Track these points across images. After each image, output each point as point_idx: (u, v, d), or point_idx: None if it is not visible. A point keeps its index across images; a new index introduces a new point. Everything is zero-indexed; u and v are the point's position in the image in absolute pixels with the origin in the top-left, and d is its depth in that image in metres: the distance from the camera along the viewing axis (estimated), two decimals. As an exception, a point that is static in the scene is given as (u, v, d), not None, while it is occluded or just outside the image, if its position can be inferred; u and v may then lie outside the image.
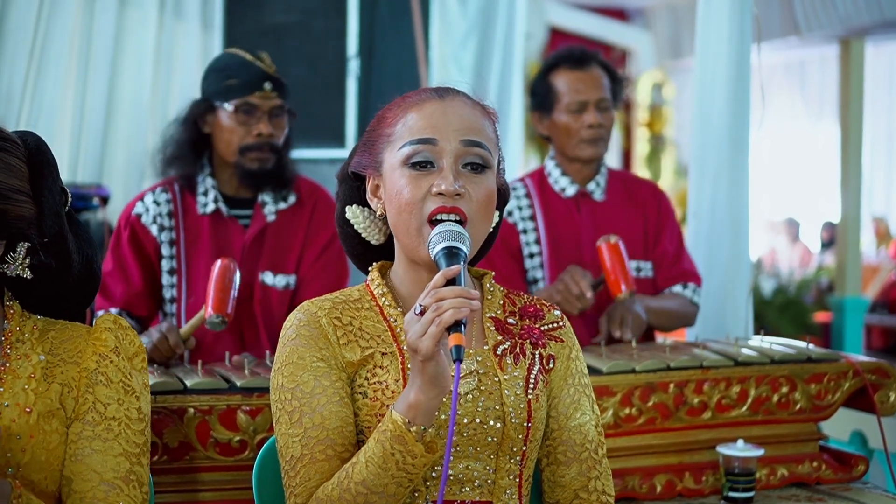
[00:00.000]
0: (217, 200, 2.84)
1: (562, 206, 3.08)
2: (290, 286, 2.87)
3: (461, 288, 1.54)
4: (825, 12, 6.63)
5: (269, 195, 2.87)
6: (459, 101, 1.72)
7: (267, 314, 2.83)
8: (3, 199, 1.61)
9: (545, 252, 3.03)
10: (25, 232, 1.65)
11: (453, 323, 1.51)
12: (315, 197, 2.94)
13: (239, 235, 2.85)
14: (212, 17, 4.60)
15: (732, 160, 3.38)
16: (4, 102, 4.07)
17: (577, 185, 3.08)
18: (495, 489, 1.70)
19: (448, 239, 1.62)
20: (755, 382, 2.47)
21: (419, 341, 1.52)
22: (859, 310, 7.16)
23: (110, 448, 1.65)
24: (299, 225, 2.89)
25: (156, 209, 2.82)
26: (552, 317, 1.83)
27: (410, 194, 1.67)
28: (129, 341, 1.74)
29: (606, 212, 3.08)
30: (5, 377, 1.65)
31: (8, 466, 1.60)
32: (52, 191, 1.69)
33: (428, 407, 1.57)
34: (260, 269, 2.85)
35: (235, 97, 2.78)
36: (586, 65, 3.06)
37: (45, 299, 1.74)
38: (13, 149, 1.66)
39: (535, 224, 3.05)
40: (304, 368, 1.68)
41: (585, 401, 1.80)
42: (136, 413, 1.70)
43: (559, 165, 3.11)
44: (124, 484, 1.64)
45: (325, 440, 1.65)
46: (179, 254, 2.82)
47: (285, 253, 2.87)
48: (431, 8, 5.16)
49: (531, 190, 3.10)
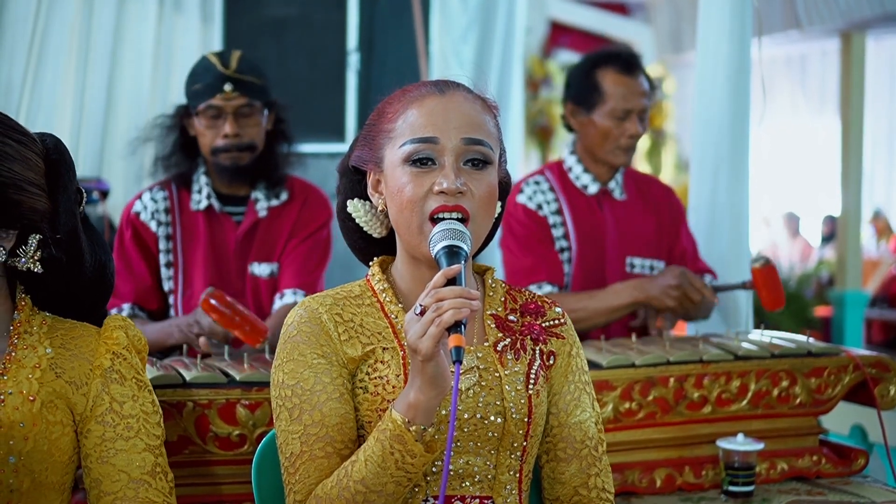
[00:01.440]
0: (210, 197, 2.92)
1: (584, 203, 3.07)
2: (274, 274, 2.94)
3: (461, 288, 1.53)
4: (826, 6, 6.62)
5: (262, 192, 2.94)
6: (460, 97, 1.71)
7: (257, 303, 2.91)
8: (17, 189, 1.64)
9: (574, 248, 3.03)
10: (38, 225, 1.68)
11: (453, 323, 1.50)
12: (306, 194, 3.01)
13: (232, 231, 2.93)
14: (211, 10, 4.60)
15: (733, 154, 3.38)
16: (4, 96, 4.06)
17: (600, 184, 3.08)
18: (495, 484, 1.70)
19: (449, 237, 1.61)
20: (755, 377, 2.47)
21: (419, 341, 1.52)
22: (859, 304, 7.16)
23: (133, 446, 1.69)
24: (288, 218, 2.96)
25: (153, 206, 2.91)
26: (553, 313, 1.83)
27: (412, 192, 1.66)
28: (137, 338, 1.78)
29: (626, 211, 3.09)
30: (10, 366, 1.67)
31: (10, 455, 1.61)
32: (68, 189, 1.72)
33: (427, 407, 1.56)
34: (249, 262, 2.93)
35: (200, 101, 2.85)
36: (634, 71, 3.02)
37: (56, 296, 1.76)
38: (31, 144, 1.69)
39: (562, 219, 3.05)
40: (304, 365, 1.68)
41: (586, 398, 1.80)
42: (150, 406, 1.74)
43: (581, 161, 3.09)
44: (151, 478, 1.69)
45: (324, 437, 1.65)
46: (176, 248, 2.91)
47: (272, 244, 2.95)
48: (431, 2, 5.16)
49: (554, 184, 3.08)
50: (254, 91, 2.86)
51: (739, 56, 3.37)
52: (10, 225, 1.66)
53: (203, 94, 2.84)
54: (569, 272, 3.03)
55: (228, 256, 2.91)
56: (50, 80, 4.15)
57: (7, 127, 1.67)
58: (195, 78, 2.89)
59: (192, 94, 2.87)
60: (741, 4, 3.35)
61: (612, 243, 3.04)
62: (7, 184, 1.63)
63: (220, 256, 2.91)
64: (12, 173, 1.64)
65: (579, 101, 3.04)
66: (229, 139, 2.83)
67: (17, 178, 1.64)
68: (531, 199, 3.04)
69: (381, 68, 4.89)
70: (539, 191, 3.06)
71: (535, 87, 8.49)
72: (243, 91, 2.84)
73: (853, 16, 6.48)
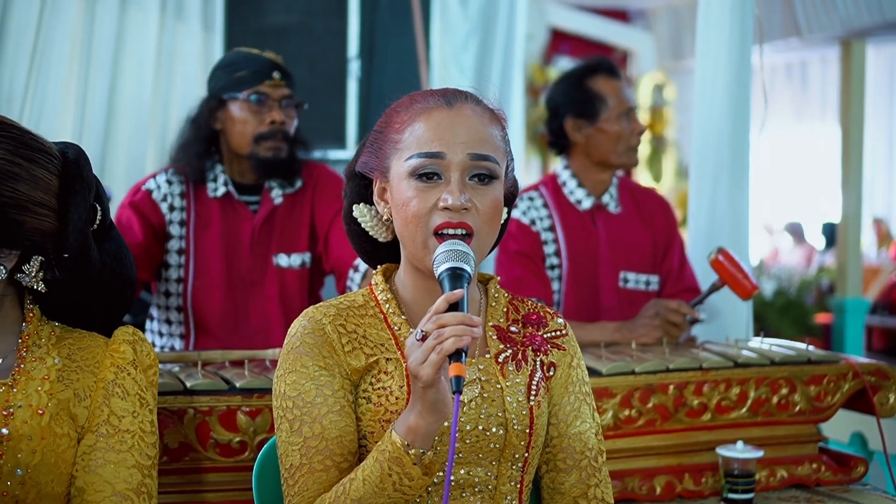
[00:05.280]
0: (227, 184, 2.90)
1: (578, 220, 3.08)
2: (305, 264, 2.94)
3: (463, 315, 1.52)
4: (826, 14, 6.63)
5: (277, 181, 2.93)
6: (468, 109, 1.70)
7: (285, 295, 2.90)
8: (21, 209, 1.62)
9: (565, 265, 3.04)
10: (42, 245, 1.66)
11: (454, 351, 1.50)
12: (315, 175, 3.00)
13: (248, 219, 2.91)
14: (213, 18, 4.61)
15: (733, 162, 3.38)
16: (6, 103, 4.07)
17: (593, 198, 3.09)
18: (497, 495, 1.70)
19: (452, 259, 1.60)
20: (755, 384, 2.47)
21: (420, 368, 1.51)
22: (860, 311, 7.15)
23: (123, 460, 1.67)
24: (305, 204, 2.95)
25: (167, 188, 2.89)
26: (555, 324, 1.83)
27: (417, 207, 1.66)
28: (146, 353, 1.76)
29: (621, 225, 3.10)
30: (19, 378, 1.66)
31: (17, 467, 1.61)
32: (80, 207, 1.69)
33: (427, 432, 1.56)
34: (272, 253, 2.91)
35: (246, 87, 2.84)
36: (618, 74, 3.11)
37: (65, 308, 1.75)
38: (44, 161, 1.66)
39: (554, 235, 3.06)
40: (306, 377, 1.67)
41: (586, 409, 1.80)
42: (149, 426, 1.72)
43: (576, 176, 3.10)
44: (135, 496, 1.66)
45: (324, 450, 1.65)
46: (189, 235, 2.88)
47: (295, 233, 2.93)
48: (432, 9, 5.16)
49: (548, 200, 3.09)
50: (293, 85, 2.90)
51: (740, 63, 3.38)
52: (10, 245, 1.63)
53: (249, 81, 2.84)
54: (559, 289, 3.04)
55: (243, 246, 2.89)
56: (52, 87, 4.15)
57: (19, 144, 1.64)
58: (236, 66, 2.88)
59: (234, 82, 2.85)
60: (741, 12, 3.36)
61: (606, 259, 3.05)
62: (9, 204, 1.60)
63: (234, 246, 2.89)
64: (17, 193, 1.61)
65: (581, 113, 3.06)
66: (276, 125, 2.83)
67: (21, 198, 1.61)
68: (525, 214, 3.05)
69: (382, 76, 4.90)
70: (533, 206, 3.07)
71: (535, 95, 8.49)
72: (288, 82, 2.88)
73: (853, 23, 6.49)
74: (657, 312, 2.83)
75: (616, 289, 3.05)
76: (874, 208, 10.63)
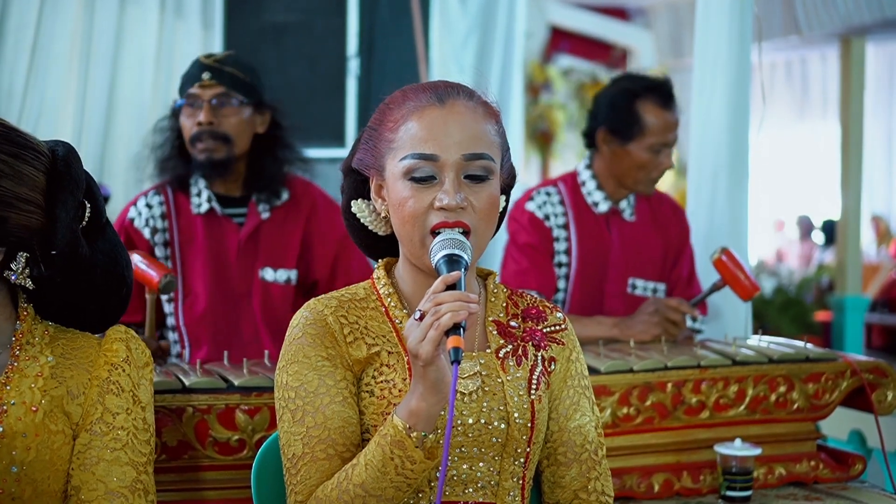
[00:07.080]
0: (210, 200, 2.86)
1: (592, 222, 3.06)
2: (291, 281, 2.90)
3: (459, 292, 1.54)
4: (826, 11, 6.62)
5: (263, 193, 2.89)
6: (461, 106, 1.69)
7: (268, 310, 2.86)
8: (5, 205, 1.61)
9: (574, 265, 3.03)
10: (27, 241, 1.65)
11: (452, 326, 1.51)
12: (311, 195, 2.96)
13: (233, 234, 2.87)
14: (212, 16, 4.62)
15: (732, 160, 3.38)
16: (5, 101, 4.08)
17: (611, 203, 3.07)
18: (499, 490, 1.71)
19: (449, 247, 1.61)
20: (753, 382, 2.47)
21: (419, 346, 1.52)
22: (860, 309, 7.15)
23: (117, 458, 1.67)
24: (296, 221, 2.91)
25: (147, 212, 2.86)
26: (554, 319, 1.83)
27: (413, 207, 1.66)
28: (141, 352, 1.76)
29: (634, 233, 3.09)
30: (13, 376, 1.66)
31: (12, 465, 1.61)
32: (68, 204, 1.68)
33: (429, 413, 1.57)
34: (258, 266, 2.88)
35: (182, 93, 2.84)
36: (672, 104, 3.00)
37: (60, 307, 1.74)
38: (30, 157, 1.66)
39: (567, 234, 3.05)
40: (308, 367, 1.68)
41: (585, 402, 1.80)
42: (142, 423, 1.71)
43: (596, 177, 3.08)
44: (130, 493, 1.66)
45: (326, 439, 1.65)
46: (174, 253, 2.85)
47: (284, 248, 2.89)
48: (431, 7, 5.16)
49: (565, 198, 3.08)
50: (235, 84, 2.81)
51: (739, 61, 3.38)
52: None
53: (184, 85, 2.83)
54: (565, 288, 3.03)
55: (230, 260, 2.86)
56: (51, 86, 4.16)
57: (4, 140, 1.64)
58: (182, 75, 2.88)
59: (179, 90, 2.86)
60: (741, 10, 3.36)
61: (616, 264, 3.05)
62: None
63: (220, 261, 2.85)
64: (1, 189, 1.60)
65: (616, 130, 2.99)
66: (202, 126, 2.77)
67: (6, 194, 1.61)
68: (540, 208, 3.04)
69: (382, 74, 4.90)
70: (549, 202, 3.05)
71: (535, 92, 8.50)
72: (221, 80, 2.80)
73: (853, 21, 6.49)
74: (656, 310, 2.83)
75: (623, 294, 3.05)
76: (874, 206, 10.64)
